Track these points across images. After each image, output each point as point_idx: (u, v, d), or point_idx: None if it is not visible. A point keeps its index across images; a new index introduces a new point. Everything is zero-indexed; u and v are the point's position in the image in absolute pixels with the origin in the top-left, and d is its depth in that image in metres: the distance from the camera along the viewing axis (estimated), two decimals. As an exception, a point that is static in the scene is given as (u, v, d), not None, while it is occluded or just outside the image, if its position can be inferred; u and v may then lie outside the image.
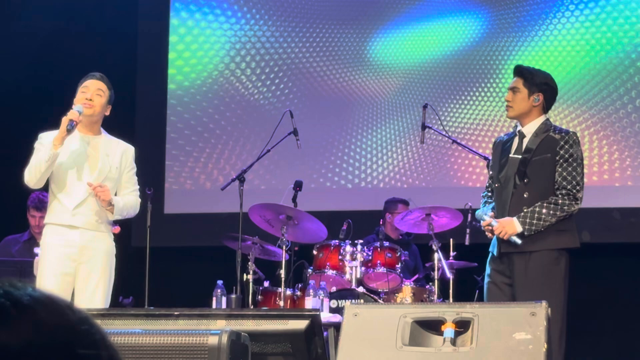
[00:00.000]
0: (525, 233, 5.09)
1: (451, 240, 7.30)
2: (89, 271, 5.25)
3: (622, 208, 8.26)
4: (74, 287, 5.27)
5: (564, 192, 5.13)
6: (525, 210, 5.12)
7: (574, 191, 5.13)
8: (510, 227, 5.11)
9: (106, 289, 5.33)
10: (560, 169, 5.16)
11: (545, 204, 5.11)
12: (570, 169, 5.16)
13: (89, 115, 5.32)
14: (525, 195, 5.16)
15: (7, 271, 6.33)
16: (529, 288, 5.03)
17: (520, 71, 5.35)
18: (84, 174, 5.31)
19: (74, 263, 5.24)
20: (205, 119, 9.10)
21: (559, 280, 5.11)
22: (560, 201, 5.11)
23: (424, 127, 7.02)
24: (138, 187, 5.58)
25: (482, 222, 5.29)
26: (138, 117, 9.19)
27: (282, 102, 8.92)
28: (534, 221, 5.08)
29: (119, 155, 5.44)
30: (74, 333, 0.94)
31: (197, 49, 9.18)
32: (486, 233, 5.25)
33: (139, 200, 5.57)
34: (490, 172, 5.47)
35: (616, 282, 8.20)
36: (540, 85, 5.28)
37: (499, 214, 5.23)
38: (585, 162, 5.44)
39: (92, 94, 5.31)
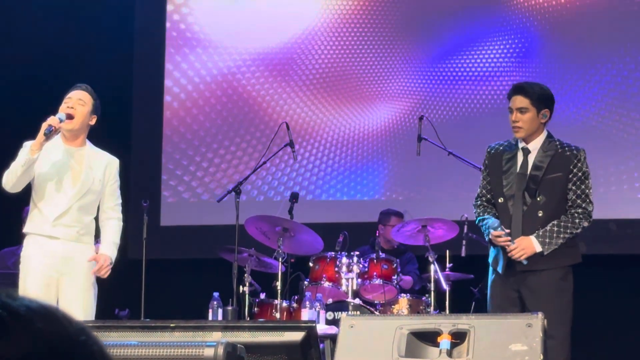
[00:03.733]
0: (545, 253, 5.09)
1: (447, 251, 7.31)
2: (70, 283, 5.23)
3: (618, 220, 8.26)
4: (57, 298, 5.26)
5: (580, 210, 5.15)
6: (541, 229, 5.10)
7: (589, 209, 5.18)
8: (530, 247, 5.08)
9: (90, 301, 5.30)
10: (574, 187, 5.18)
11: (562, 223, 5.12)
12: (583, 186, 5.20)
13: (70, 130, 5.33)
14: (539, 214, 5.14)
15: (2, 284, 6.34)
16: (541, 304, 4.97)
17: (523, 90, 5.24)
18: (65, 186, 5.29)
19: (56, 274, 5.22)
20: (202, 132, 9.11)
21: (568, 295, 5.17)
22: (577, 220, 5.14)
23: (419, 139, 7.04)
24: (120, 200, 5.53)
25: (493, 231, 5.14)
26: (134, 130, 9.20)
27: (278, 113, 8.93)
28: (553, 240, 5.09)
29: (102, 168, 5.42)
30: (72, 344, 0.94)
31: (195, 61, 9.19)
32: (499, 243, 5.11)
33: (121, 216, 5.51)
34: (486, 181, 5.37)
35: (612, 294, 8.19)
36: (546, 101, 5.25)
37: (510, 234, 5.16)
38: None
39: (74, 103, 5.33)
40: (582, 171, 5.20)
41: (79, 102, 5.35)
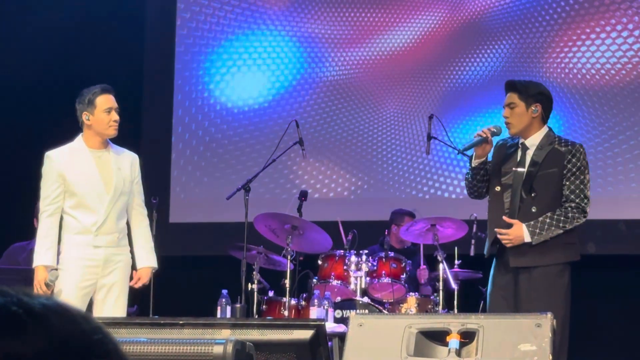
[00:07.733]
0: (533, 243, 5.08)
1: (456, 249, 7.30)
2: (110, 283, 5.34)
3: (628, 220, 8.25)
4: (91, 298, 5.36)
5: (572, 205, 5.11)
6: (533, 221, 5.11)
7: (582, 204, 5.12)
8: (519, 237, 5.08)
9: (126, 299, 5.45)
10: (568, 183, 5.14)
11: (555, 216, 5.09)
12: (577, 182, 5.14)
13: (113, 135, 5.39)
14: (533, 210, 5.13)
15: (12, 279, 6.33)
16: (533, 301, 5.03)
17: (513, 86, 5.29)
18: (100, 193, 5.33)
19: (96, 276, 5.31)
20: (212, 129, 9.12)
21: (561, 293, 5.11)
22: (570, 214, 5.10)
23: (429, 137, 7.03)
24: (143, 197, 5.63)
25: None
26: (144, 126, 9.21)
27: (288, 111, 8.94)
28: (543, 232, 5.07)
29: (128, 167, 5.48)
30: (88, 342, 0.95)
31: (204, 60, 9.21)
32: (499, 236, 5.17)
33: (146, 211, 5.62)
34: (488, 166, 5.35)
35: (621, 294, 8.18)
36: (536, 95, 5.24)
37: (500, 222, 5.19)
38: (591, 173, 5.42)
39: (116, 114, 5.35)
40: (576, 166, 5.14)
41: (118, 111, 5.40)
